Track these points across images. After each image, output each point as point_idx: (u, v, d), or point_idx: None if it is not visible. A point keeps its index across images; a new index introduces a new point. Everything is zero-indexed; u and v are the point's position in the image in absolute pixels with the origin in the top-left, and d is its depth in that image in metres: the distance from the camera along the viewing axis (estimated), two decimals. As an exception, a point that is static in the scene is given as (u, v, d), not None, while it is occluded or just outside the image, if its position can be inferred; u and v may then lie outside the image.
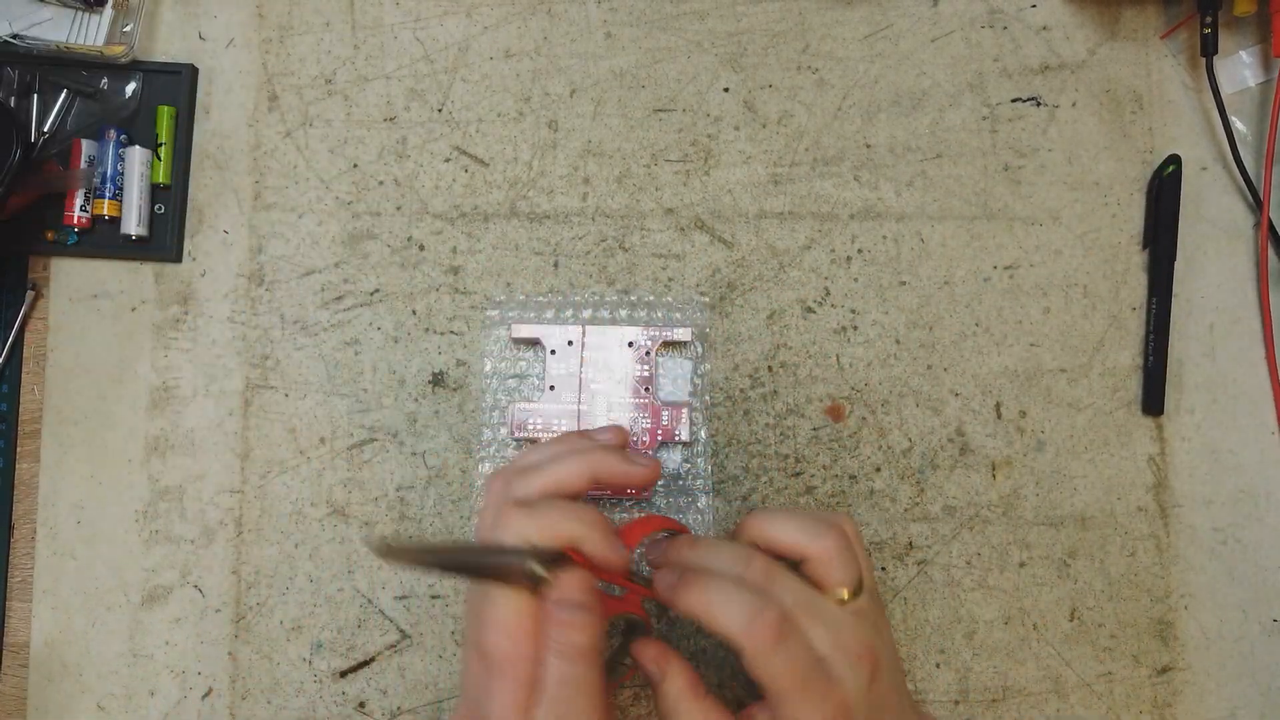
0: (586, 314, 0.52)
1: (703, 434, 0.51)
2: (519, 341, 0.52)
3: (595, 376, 0.50)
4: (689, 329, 0.51)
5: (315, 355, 0.52)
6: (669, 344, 0.51)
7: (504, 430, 0.51)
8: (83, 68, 0.53)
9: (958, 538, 0.52)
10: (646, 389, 0.50)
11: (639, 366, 0.51)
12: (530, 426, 0.50)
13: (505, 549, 0.36)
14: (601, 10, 0.54)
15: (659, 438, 0.50)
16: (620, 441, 0.43)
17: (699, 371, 0.52)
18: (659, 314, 0.52)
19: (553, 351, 0.51)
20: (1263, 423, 0.53)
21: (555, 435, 0.49)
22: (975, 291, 0.53)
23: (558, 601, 0.35)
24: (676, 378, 0.52)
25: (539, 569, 0.35)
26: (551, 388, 0.50)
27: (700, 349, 0.52)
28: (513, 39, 0.54)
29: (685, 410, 0.50)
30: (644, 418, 0.50)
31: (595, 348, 0.51)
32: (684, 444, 0.51)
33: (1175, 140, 0.55)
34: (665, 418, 0.50)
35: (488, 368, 0.52)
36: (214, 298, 0.53)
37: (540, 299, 0.52)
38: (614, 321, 0.52)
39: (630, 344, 0.51)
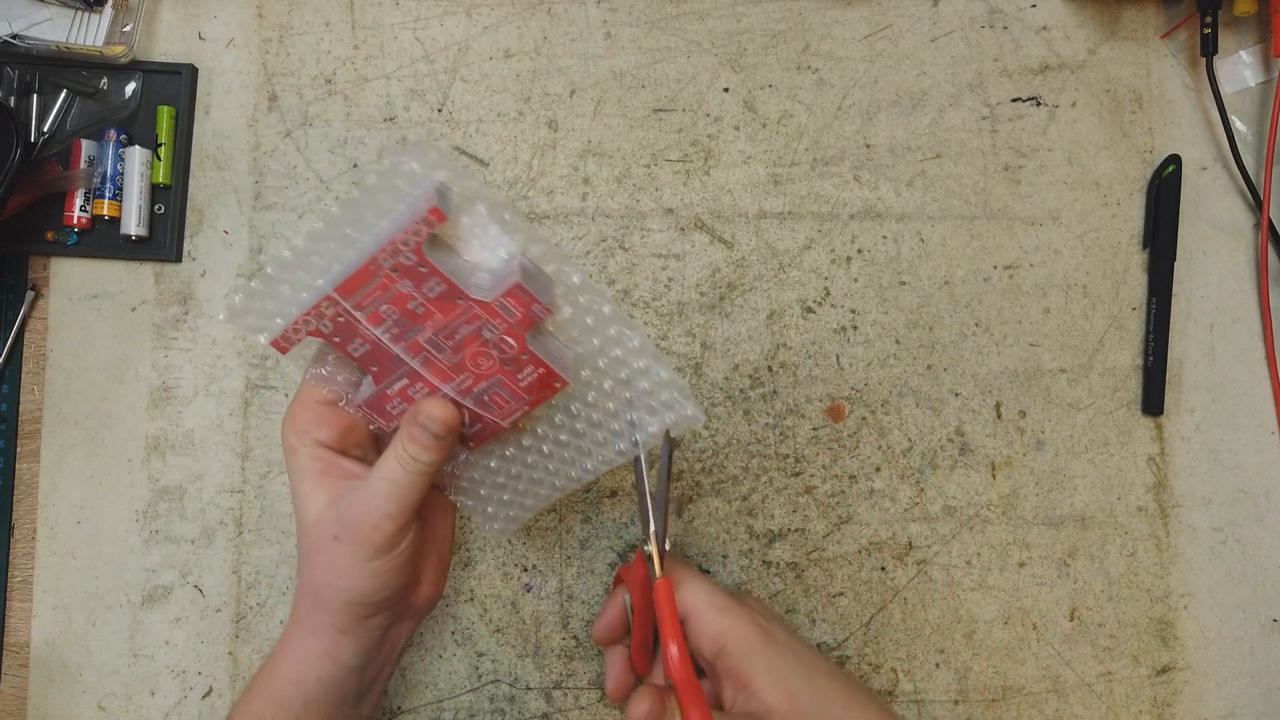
0: (327, 250, 0.38)
1: (577, 281, 0.39)
2: (297, 347, 0.39)
3: (400, 327, 0.38)
4: (433, 212, 0.35)
5: (315, 355, 0.52)
6: (438, 217, 0.36)
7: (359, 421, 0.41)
8: (83, 68, 0.53)
9: (957, 538, 0.52)
10: (460, 298, 0.37)
11: (427, 286, 0.37)
12: (396, 412, 0.40)
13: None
14: (601, 10, 0.54)
15: (522, 332, 0.38)
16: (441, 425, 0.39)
17: (495, 207, 0.38)
18: (390, 190, 0.37)
19: (334, 336, 0.38)
20: (1263, 423, 0.53)
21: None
22: (975, 291, 0.53)
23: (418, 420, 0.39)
24: (483, 233, 0.38)
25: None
26: (374, 367, 0.39)
27: (470, 183, 0.37)
28: (513, 39, 0.54)
29: (518, 289, 0.37)
30: (488, 325, 0.38)
31: (370, 302, 0.38)
32: (547, 315, 0.38)
33: (1175, 140, 0.55)
34: (506, 309, 0.38)
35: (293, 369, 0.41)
36: (214, 298, 0.53)
37: (265, 281, 0.39)
38: (355, 238, 0.38)
39: (395, 271, 0.37)
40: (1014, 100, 0.55)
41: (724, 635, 0.41)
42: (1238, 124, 0.55)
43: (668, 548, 0.42)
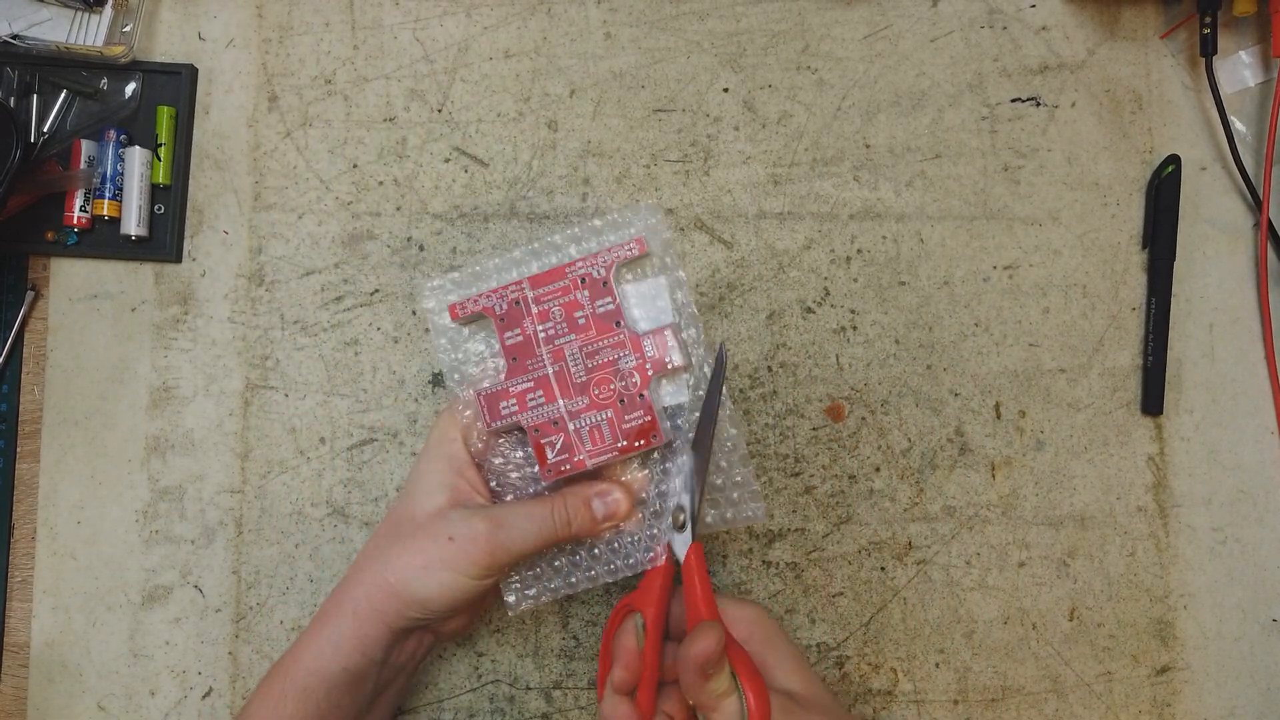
0: (529, 264, 0.45)
1: (701, 353, 0.44)
2: (465, 321, 0.45)
3: (558, 329, 0.44)
4: (637, 241, 0.44)
5: (315, 355, 0.52)
6: (629, 263, 0.45)
7: (478, 424, 0.44)
8: (83, 68, 0.53)
9: (957, 538, 0.52)
10: (618, 323, 0.44)
11: (600, 302, 0.44)
12: (505, 412, 0.44)
13: None
14: (601, 10, 0.54)
15: (650, 373, 0.43)
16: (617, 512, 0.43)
17: (676, 284, 0.45)
18: (608, 236, 0.45)
19: (501, 318, 0.44)
20: (1262, 423, 0.53)
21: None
22: (975, 291, 0.53)
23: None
24: (652, 300, 0.45)
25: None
26: (514, 359, 0.44)
27: (668, 258, 0.45)
28: (513, 39, 0.54)
29: (669, 332, 0.43)
30: (626, 356, 0.44)
31: (548, 299, 0.44)
32: (679, 369, 0.44)
33: (1175, 140, 0.55)
34: (649, 347, 0.43)
35: (447, 362, 0.46)
36: (214, 298, 0.53)
37: (476, 267, 0.46)
38: (559, 262, 0.45)
39: (582, 280, 0.44)
40: (1013, 100, 0.55)
41: (754, 623, 0.42)
42: (1237, 124, 0.55)
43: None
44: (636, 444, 0.43)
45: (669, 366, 0.43)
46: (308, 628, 0.42)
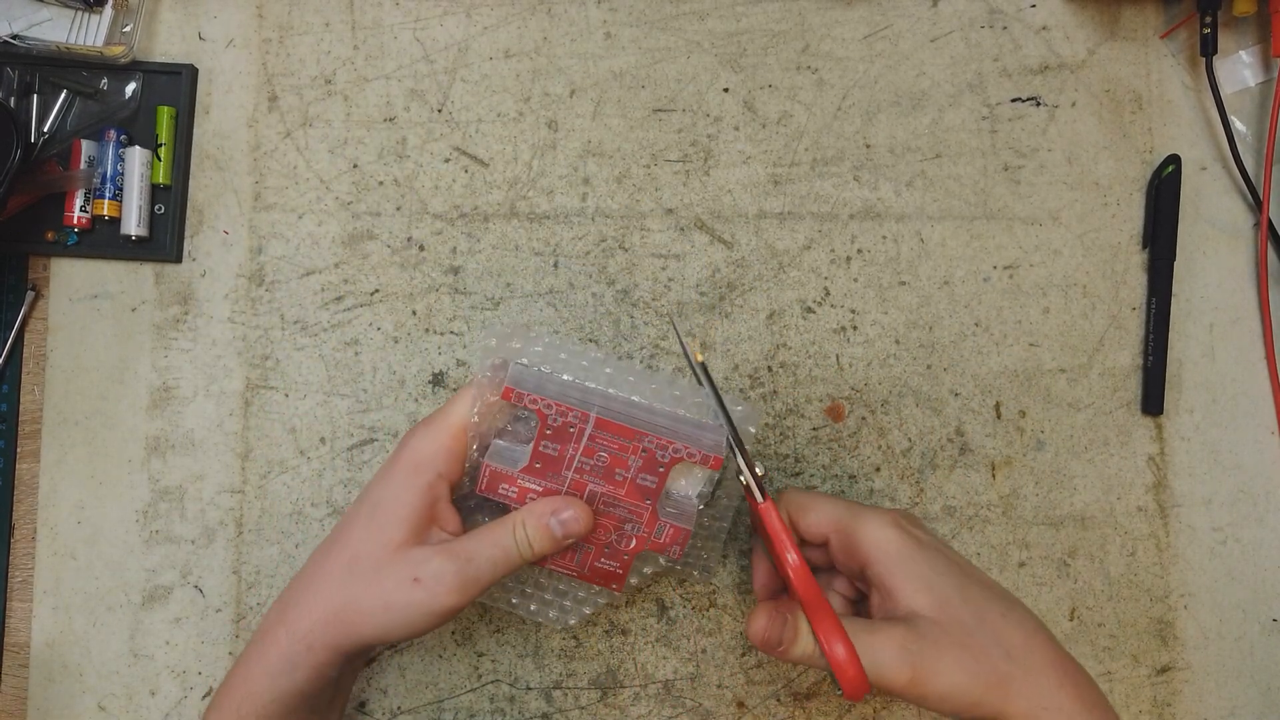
0: (616, 382, 0.43)
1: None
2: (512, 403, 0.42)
3: (594, 471, 0.42)
4: (715, 460, 0.42)
5: (315, 355, 0.52)
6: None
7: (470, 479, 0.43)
8: (83, 68, 0.53)
9: (957, 538, 0.52)
10: (648, 500, 0.43)
11: (645, 476, 0.42)
12: (503, 492, 0.43)
13: None
14: (601, 10, 0.54)
15: (647, 549, 0.43)
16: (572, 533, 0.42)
17: (716, 489, 0.44)
18: (704, 420, 0.43)
19: (549, 429, 0.41)
20: (1263, 423, 0.53)
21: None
22: (975, 291, 0.53)
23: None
24: (697, 485, 0.44)
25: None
26: (537, 465, 0.42)
27: (732, 454, 0.43)
28: (513, 39, 0.54)
29: (684, 536, 0.43)
30: (636, 524, 0.43)
31: (602, 443, 0.42)
32: (674, 560, 0.44)
33: (1175, 140, 0.55)
34: (660, 533, 0.43)
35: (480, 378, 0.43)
36: (214, 298, 0.53)
37: (562, 355, 0.43)
38: (632, 411, 0.42)
39: (644, 450, 0.42)
40: (1014, 100, 0.55)
41: (868, 545, 0.41)
42: (1237, 124, 0.55)
43: (760, 471, 0.42)
44: (596, 580, 0.44)
45: (667, 555, 0.44)
46: (250, 652, 0.41)
